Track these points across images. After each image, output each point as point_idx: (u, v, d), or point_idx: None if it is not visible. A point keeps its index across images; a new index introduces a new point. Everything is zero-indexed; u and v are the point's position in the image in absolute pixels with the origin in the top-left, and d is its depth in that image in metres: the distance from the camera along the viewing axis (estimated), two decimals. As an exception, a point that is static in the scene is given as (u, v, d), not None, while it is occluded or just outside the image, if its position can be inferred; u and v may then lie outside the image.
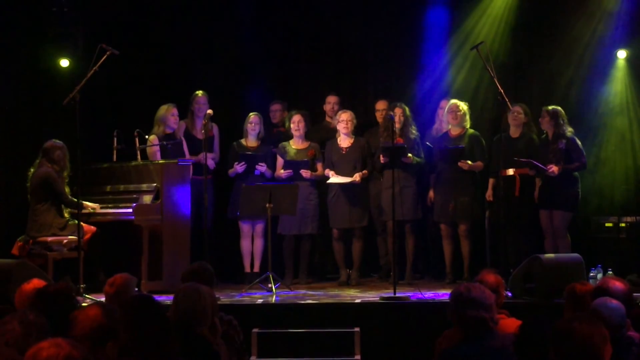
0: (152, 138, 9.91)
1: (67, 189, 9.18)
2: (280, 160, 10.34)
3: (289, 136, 10.47)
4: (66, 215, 9.22)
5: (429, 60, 10.98)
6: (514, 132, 9.88)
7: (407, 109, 10.06)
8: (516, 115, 9.78)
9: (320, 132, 10.68)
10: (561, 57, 10.80)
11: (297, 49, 11.69)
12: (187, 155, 10.05)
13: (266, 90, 11.22)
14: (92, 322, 4.10)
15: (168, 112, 10.01)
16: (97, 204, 9.40)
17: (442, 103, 10.49)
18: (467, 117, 10.00)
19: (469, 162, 9.79)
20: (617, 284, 5.16)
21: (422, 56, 10.98)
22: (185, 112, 10.41)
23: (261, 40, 11.25)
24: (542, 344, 3.89)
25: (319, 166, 10.31)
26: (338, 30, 11.58)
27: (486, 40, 9.51)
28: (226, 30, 11.29)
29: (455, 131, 10.03)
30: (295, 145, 10.37)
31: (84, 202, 9.18)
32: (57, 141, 9.22)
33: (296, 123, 10.28)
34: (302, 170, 10.12)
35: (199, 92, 10.36)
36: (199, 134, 10.17)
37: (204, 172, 9.31)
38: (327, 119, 10.85)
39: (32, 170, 9.19)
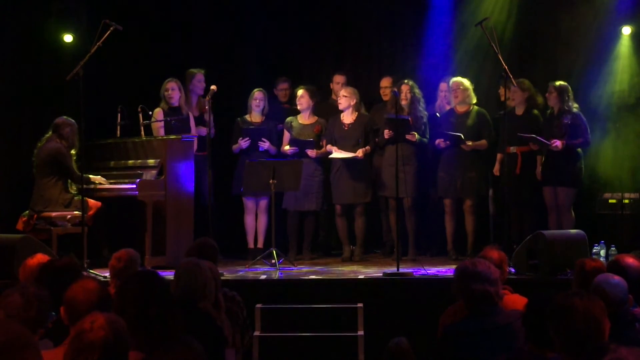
0: (157, 111, 9.94)
1: (74, 166, 9.20)
2: (287, 135, 10.34)
3: (295, 112, 10.46)
4: (72, 191, 9.23)
5: (434, 37, 10.93)
6: (518, 109, 9.86)
7: (415, 86, 10.02)
8: (513, 93, 9.71)
9: (327, 110, 10.64)
10: (566, 33, 10.75)
11: (301, 25, 11.64)
12: (194, 131, 10.04)
13: (270, 67, 11.21)
14: (95, 295, 4.11)
15: (163, 88, 10.03)
16: (102, 178, 9.40)
17: (442, 85, 10.49)
18: (471, 92, 9.99)
19: (469, 142, 9.80)
20: (631, 261, 5.17)
21: (426, 32, 10.92)
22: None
23: (264, 17, 11.22)
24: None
25: (324, 142, 10.30)
26: (342, 6, 11.55)
27: (491, 16, 9.46)
28: (230, 6, 11.26)
29: (461, 108, 10.02)
30: (301, 120, 10.37)
31: (90, 176, 9.20)
32: (69, 118, 9.24)
33: (298, 98, 10.28)
34: (308, 151, 10.11)
35: (195, 70, 10.34)
36: (194, 110, 10.22)
37: (208, 148, 9.31)
38: (334, 96, 10.80)
39: (39, 144, 9.19)
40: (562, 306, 3.73)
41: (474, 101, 10.01)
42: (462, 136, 9.77)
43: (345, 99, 10.12)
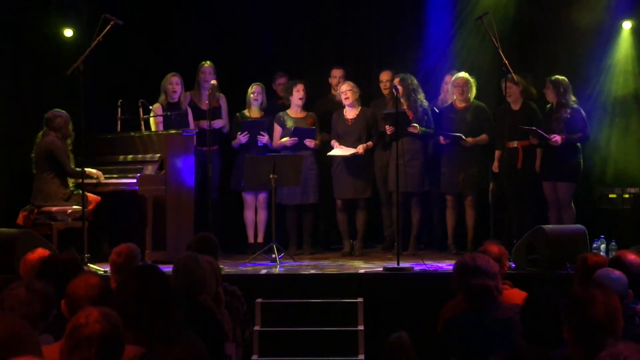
0: (156, 106, 9.95)
1: (71, 156, 9.19)
2: (278, 130, 10.30)
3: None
4: (71, 185, 9.23)
5: (434, 31, 10.91)
6: (515, 104, 9.83)
7: (411, 78, 9.99)
8: (508, 89, 9.61)
9: (326, 105, 10.64)
10: (566, 28, 10.73)
11: (300, 20, 11.63)
12: (192, 126, 10.04)
13: (270, 62, 11.21)
14: (97, 290, 4.12)
15: (166, 81, 10.04)
16: (100, 172, 9.38)
17: (447, 78, 10.45)
18: (473, 89, 9.99)
19: (470, 139, 9.80)
20: (633, 257, 5.17)
21: (426, 27, 10.91)
22: (192, 82, 10.40)
23: (265, 11, 11.21)
24: (548, 315, 3.91)
25: (319, 137, 10.29)
26: (341, 1, 11.55)
27: (491, 11, 9.44)
28: (229, 1, 11.26)
29: (461, 104, 10.01)
30: (293, 114, 10.35)
31: (87, 170, 9.18)
32: (59, 110, 9.23)
33: (300, 91, 10.25)
34: (306, 140, 10.11)
35: (205, 63, 10.35)
36: (204, 105, 10.17)
37: (208, 143, 9.31)
38: (333, 91, 10.77)
39: (37, 141, 9.20)
40: (583, 297, 3.72)
41: (473, 96, 10.01)
42: (463, 137, 9.77)
43: (352, 93, 10.10)
